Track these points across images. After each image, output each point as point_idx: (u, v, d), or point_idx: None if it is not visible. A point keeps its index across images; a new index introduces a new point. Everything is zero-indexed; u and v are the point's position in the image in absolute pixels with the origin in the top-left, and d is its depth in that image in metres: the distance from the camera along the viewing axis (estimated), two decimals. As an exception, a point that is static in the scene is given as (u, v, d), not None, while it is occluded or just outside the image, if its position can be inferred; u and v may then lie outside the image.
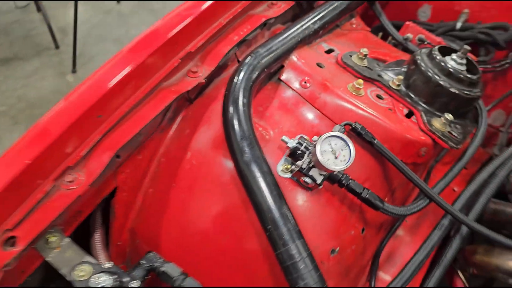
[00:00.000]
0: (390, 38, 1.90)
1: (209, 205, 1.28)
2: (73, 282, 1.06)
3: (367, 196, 1.22)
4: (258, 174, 1.13)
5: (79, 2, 4.60)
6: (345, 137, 1.16)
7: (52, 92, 4.55)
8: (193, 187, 1.30)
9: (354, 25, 1.79)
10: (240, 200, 1.23)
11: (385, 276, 1.50)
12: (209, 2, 1.37)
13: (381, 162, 1.37)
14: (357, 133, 1.29)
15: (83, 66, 4.87)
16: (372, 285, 1.42)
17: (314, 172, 1.19)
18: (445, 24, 1.97)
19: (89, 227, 1.35)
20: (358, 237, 1.36)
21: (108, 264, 1.10)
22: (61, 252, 1.12)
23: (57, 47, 5.14)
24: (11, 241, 1.02)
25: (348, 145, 1.15)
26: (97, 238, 1.35)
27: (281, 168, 1.26)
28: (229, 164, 1.25)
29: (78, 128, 1.10)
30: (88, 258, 1.11)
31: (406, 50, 1.80)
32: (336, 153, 1.15)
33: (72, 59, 4.77)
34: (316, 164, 1.16)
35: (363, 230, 1.37)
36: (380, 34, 1.97)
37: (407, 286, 1.34)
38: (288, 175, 1.26)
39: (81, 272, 1.08)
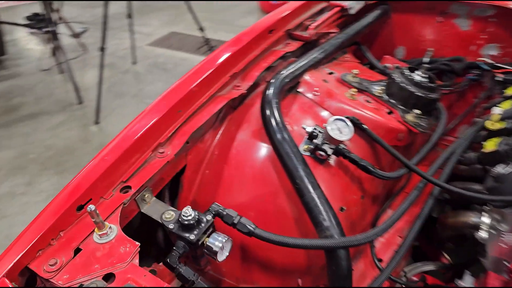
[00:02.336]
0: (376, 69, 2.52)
1: (251, 177, 1.80)
2: (163, 222, 1.55)
3: (362, 163, 1.75)
4: (288, 148, 1.66)
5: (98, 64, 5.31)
6: (345, 119, 1.71)
7: (78, 141, 5.11)
8: (239, 165, 1.83)
9: (347, 58, 2.41)
10: (274, 171, 1.75)
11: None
12: (245, 42, 1.98)
13: (372, 146, 1.92)
14: (354, 124, 1.84)
15: (105, 118, 5.47)
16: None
17: (326, 147, 1.73)
18: (416, 59, 2.59)
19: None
20: (359, 202, 1.87)
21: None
22: (151, 206, 1.61)
23: (80, 102, 5.74)
24: (125, 189, 1.52)
25: (347, 124, 1.70)
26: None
27: (302, 148, 1.80)
28: (264, 148, 1.80)
29: (166, 119, 1.65)
30: (171, 208, 1.62)
31: (384, 74, 2.40)
32: (340, 130, 1.69)
33: (95, 112, 5.37)
34: (327, 139, 1.70)
35: (362, 197, 1.88)
36: (368, 66, 2.59)
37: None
38: (308, 153, 1.79)
39: (168, 215, 1.57)
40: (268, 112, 1.74)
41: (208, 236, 1.45)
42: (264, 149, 1.78)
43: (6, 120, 5.52)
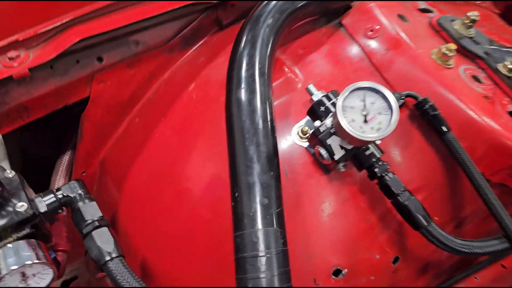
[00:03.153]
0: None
1: (191, 155, 0.95)
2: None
3: (405, 202, 0.79)
4: (250, 117, 0.77)
5: None
6: (390, 95, 0.74)
7: None
8: (183, 127, 0.98)
9: (477, 1, 1.32)
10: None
11: None
12: None
13: (451, 169, 0.92)
14: (422, 113, 0.87)
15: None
16: None
17: (333, 142, 0.79)
18: None
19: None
20: (385, 267, 0.92)
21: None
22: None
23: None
24: None
25: (391, 109, 0.73)
26: (64, 159, 1.10)
27: (297, 130, 0.89)
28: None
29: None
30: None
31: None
32: (368, 115, 0.74)
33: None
34: (336, 126, 0.76)
35: (395, 260, 0.92)
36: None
37: None
38: (304, 142, 0.88)
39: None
40: (244, 35, 0.86)
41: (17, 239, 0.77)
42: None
43: None
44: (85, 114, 1.01)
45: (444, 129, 0.85)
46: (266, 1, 0.91)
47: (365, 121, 0.74)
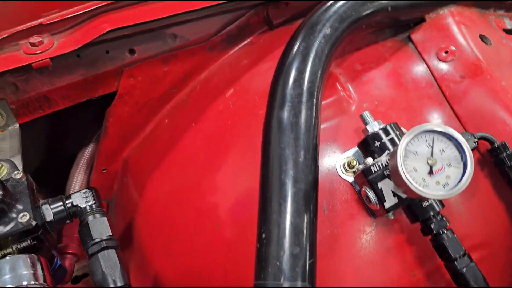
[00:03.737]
0: None
1: (220, 170, 0.84)
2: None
3: (463, 269, 0.66)
4: (290, 145, 0.65)
5: None
6: (465, 144, 0.60)
7: None
8: (215, 138, 0.87)
9: None
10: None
11: None
12: None
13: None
14: (497, 161, 0.72)
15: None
16: None
17: (386, 187, 0.66)
18: None
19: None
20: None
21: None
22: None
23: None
24: None
25: (466, 161, 0.60)
26: (86, 152, 1.02)
27: (343, 162, 0.76)
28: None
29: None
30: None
31: None
32: (435, 165, 0.60)
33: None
34: (392, 171, 0.63)
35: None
36: None
37: None
38: (350, 177, 0.75)
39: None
40: (295, 49, 0.73)
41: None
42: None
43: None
44: (111, 110, 0.92)
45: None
46: (327, 4, 0.77)
47: (431, 172, 0.60)
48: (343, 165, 0.76)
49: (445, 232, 0.67)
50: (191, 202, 0.87)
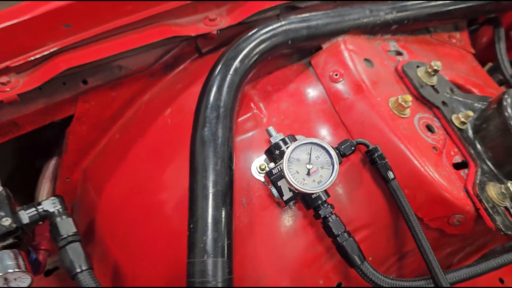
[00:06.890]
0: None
1: (162, 174, 1.04)
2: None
3: (343, 243, 0.88)
4: (209, 156, 0.86)
5: None
6: (332, 152, 0.82)
7: None
8: (157, 149, 1.07)
9: (453, 40, 1.37)
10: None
11: None
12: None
13: (396, 210, 1.00)
14: (371, 160, 0.95)
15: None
16: None
17: (283, 185, 0.88)
18: None
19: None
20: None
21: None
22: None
23: None
24: None
25: (332, 165, 0.82)
26: (51, 164, 1.20)
27: (256, 165, 0.97)
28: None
29: (36, 28, 0.93)
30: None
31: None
32: (311, 168, 0.82)
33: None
34: (284, 174, 0.85)
35: (338, 285, 1.02)
36: (488, 65, 1.51)
37: None
38: (262, 177, 0.97)
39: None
40: (214, 76, 0.94)
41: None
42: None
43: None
44: (70, 130, 1.11)
45: (390, 176, 0.93)
46: (239, 40, 0.98)
47: (308, 173, 0.82)
48: (257, 168, 0.97)
49: (331, 215, 0.89)
50: (141, 201, 1.06)
